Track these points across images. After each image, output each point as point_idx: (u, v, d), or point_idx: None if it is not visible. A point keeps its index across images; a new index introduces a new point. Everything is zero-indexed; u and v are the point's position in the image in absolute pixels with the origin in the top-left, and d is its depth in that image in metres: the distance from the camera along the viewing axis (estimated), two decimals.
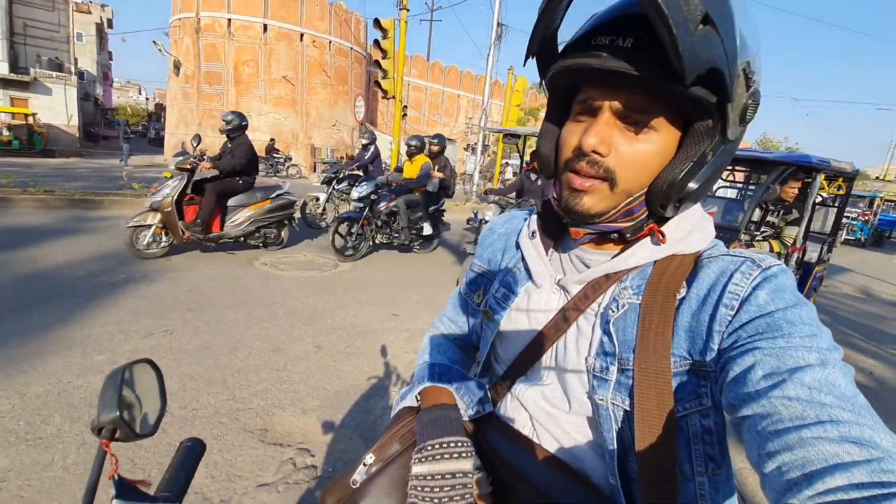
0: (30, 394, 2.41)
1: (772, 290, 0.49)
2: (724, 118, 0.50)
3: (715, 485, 0.53)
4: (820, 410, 0.39)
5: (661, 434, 0.50)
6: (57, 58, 20.28)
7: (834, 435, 0.37)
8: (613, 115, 0.52)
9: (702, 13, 0.42)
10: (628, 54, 0.47)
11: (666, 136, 0.52)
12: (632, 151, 0.52)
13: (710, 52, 0.44)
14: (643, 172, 0.53)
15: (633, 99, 0.50)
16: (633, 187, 0.54)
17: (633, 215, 0.56)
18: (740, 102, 0.50)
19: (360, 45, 22.52)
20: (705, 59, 0.44)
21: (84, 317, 3.41)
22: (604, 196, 0.54)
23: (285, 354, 3.20)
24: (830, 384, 0.40)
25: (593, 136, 0.51)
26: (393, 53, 9.97)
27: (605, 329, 0.57)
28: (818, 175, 3.79)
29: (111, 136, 32.54)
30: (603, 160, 0.52)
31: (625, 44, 0.47)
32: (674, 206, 0.54)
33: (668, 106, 0.51)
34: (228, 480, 1.98)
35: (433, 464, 0.56)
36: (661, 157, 0.53)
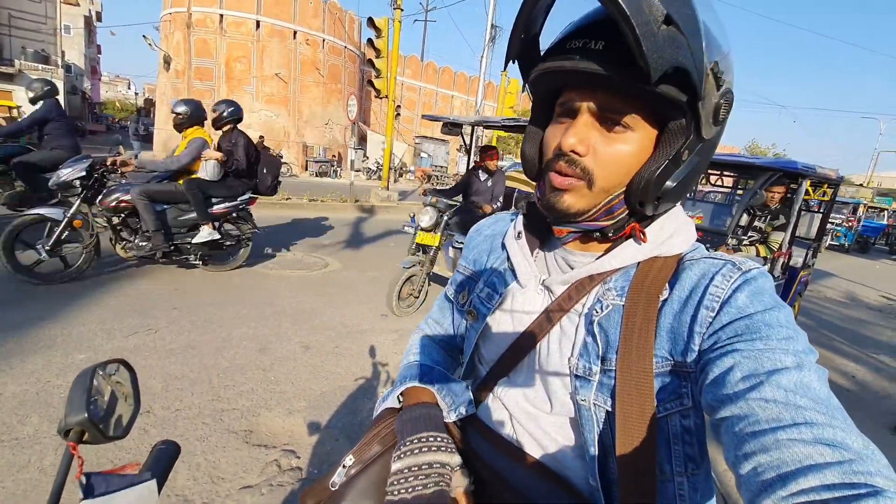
0: (6, 393, 2.36)
1: (751, 293, 0.50)
2: (696, 117, 0.51)
3: (694, 485, 0.54)
4: (795, 413, 0.40)
5: (641, 434, 0.50)
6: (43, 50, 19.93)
7: (808, 437, 0.38)
8: (591, 116, 0.54)
9: (663, 14, 0.44)
10: (599, 56, 0.49)
11: (643, 135, 0.53)
12: (609, 151, 0.53)
13: (674, 52, 0.45)
14: (620, 171, 0.54)
15: (608, 99, 0.52)
16: (612, 186, 0.55)
17: (613, 214, 0.57)
18: (711, 101, 0.51)
19: (354, 44, 22.46)
20: (670, 59, 0.45)
21: (66, 314, 3.34)
22: (583, 195, 0.55)
23: (272, 354, 3.17)
24: (806, 387, 0.41)
25: (572, 137, 0.53)
26: (387, 53, 9.96)
27: (589, 330, 0.57)
28: (804, 181, 3.85)
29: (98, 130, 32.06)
30: (581, 160, 0.54)
31: (596, 46, 0.49)
32: (653, 205, 0.55)
33: (643, 106, 0.52)
34: (211, 482, 1.94)
35: (411, 458, 0.56)
36: (637, 156, 0.54)
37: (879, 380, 4.11)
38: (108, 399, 0.56)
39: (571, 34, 0.52)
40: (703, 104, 0.50)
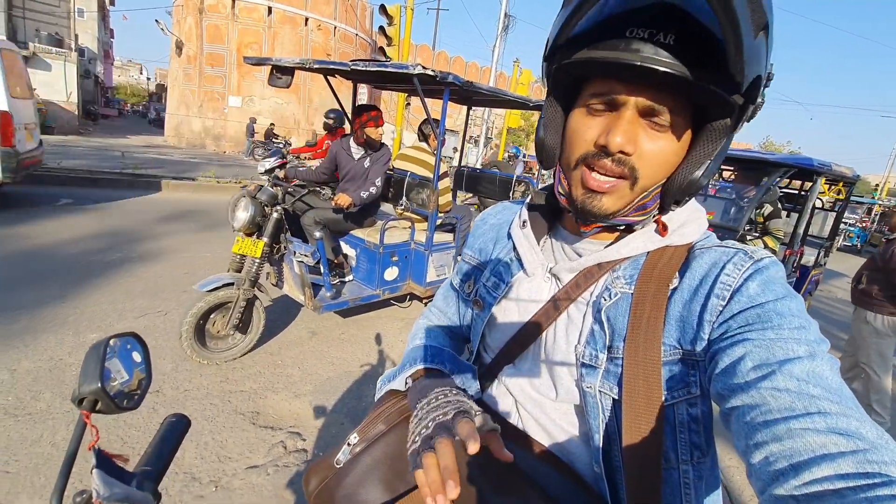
0: (20, 369, 2.41)
1: (763, 282, 0.49)
2: (740, 117, 0.50)
3: (699, 473, 0.53)
4: (808, 402, 0.39)
5: (648, 422, 0.50)
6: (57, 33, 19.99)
7: (821, 426, 0.37)
8: (640, 113, 0.50)
9: (765, 21, 0.42)
10: (672, 52, 0.45)
11: (683, 132, 0.52)
12: (654, 149, 0.51)
13: (759, 60, 0.44)
14: (662, 169, 0.53)
15: (660, 97, 0.49)
16: (651, 184, 0.54)
17: (646, 209, 0.56)
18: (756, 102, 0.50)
19: (366, 32, 22.30)
20: (757, 67, 0.44)
21: (78, 295, 3.40)
22: (623, 195, 0.53)
23: (279, 339, 3.20)
24: (818, 376, 0.41)
25: (621, 135, 0.49)
26: (398, 41, 9.86)
27: (596, 317, 0.57)
28: (819, 178, 3.78)
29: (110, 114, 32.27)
30: (629, 159, 0.51)
31: (666, 40, 0.45)
32: (686, 200, 0.55)
33: (688, 103, 0.50)
34: (218, 461, 1.98)
35: (429, 408, 0.55)
36: (678, 154, 0.53)
37: None
38: (120, 371, 0.56)
39: (627, 17, 0.46)
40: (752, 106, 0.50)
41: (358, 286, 3.52)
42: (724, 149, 0.53)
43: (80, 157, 10.05)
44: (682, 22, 0.44)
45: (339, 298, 3.26)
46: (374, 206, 3.60)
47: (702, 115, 0.51)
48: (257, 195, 2.83)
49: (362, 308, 3.84)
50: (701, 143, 0.52)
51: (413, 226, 3.57)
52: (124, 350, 0.59)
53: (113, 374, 0.55)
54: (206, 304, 2.62)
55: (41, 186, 7.03)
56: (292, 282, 3.17)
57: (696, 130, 0.53)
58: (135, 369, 0.59)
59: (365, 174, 3.42)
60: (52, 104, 18.95)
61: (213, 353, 2.74)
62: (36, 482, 1.74)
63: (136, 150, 13.70)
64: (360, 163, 3.45)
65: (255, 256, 2.76)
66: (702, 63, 0.45)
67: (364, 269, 3.52)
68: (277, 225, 2.88)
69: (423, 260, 3.51)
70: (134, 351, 0.61)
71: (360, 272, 3.57)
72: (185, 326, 2.57)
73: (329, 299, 3.18)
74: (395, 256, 3.46)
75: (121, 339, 0.59)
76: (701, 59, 0.45)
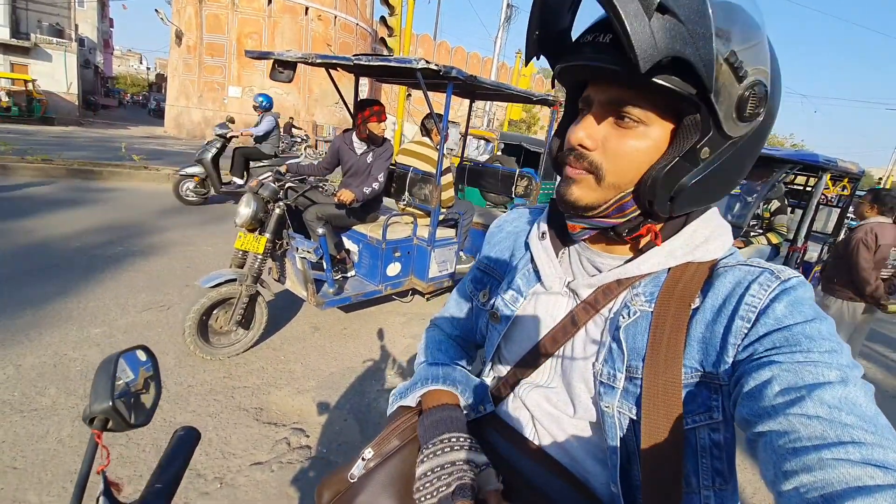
0: (25, 365, 2.42)
1: (790, 303, 0.47)
2: (713, 112, 0.47)
3: (721, 500, 0.52)
4: (841, 431, 0.38)
5: (667, 445, 0.49)
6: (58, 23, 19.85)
7: (856, 457, 0.36)
8: (604, 110, 0.52)
9: (656, 1, 0.41)
10: (606, 49, 0.48)
11: (657, 132, 0.51)
12: (619, 146, 0.52)
13: (670, 42, 0.42)
14: (631, 167, 0.52)
15: (619, 93, 0.51)
16: (621, 182, 0.53)
17: (624, 212, 0.55)
18: (731, 95, 0.47)
19: (366, 22, 22.07)
20: (663, 48, 0.42)
21: (81, 289, 3.40)
22: (591, 188, 0.54)
23: (282, 334, 3.21)
24: (851, 403, 0.39)
25: (581, 130, 0.53)
26: (399, 31, 9.76)
27: (614, 336, 0.56)
28: (824, 174, 3.76)
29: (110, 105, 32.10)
30: (589, 154, 0.53)
31: (604, 39, 0.48)
32: (665, 205, 0.52)
33: (658, 101, 0.49)
34: (223, 458, 1.99)
35: (434, 460, 0.57)
36: (650, 152, 0.51)
37: (891, 378, 4.07)
38: (131, 386, 0.56)
39: (586, 30, 0.51)
40: (719, 98, 0.46)
41: (360, 282, 3.52)
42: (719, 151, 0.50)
43: (80, 149, 10.02)
44: None
45: (341, 294, 3.25)
46: (376, 202, 3.59)
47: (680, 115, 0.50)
48: (259, 191, 2.82)
49: (364, 303, 3.83)
50: (675, 140, 0.50)
51: (415, 221, 3.55)
52: (135, 364, 0.59)
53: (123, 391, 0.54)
54: (208, 301, 2.62)
55: (42, 178, 7.01)
56: (295, 277, 3.15)
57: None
58: (145, 384, 0.59)
59: (367, 169, 3.39)
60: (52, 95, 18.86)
61: (216, 349, 2.74)
62: (43, 478, 1.75)
63: (136, 142, 13.65)
64: (362, 158, 3.42)
65: (258, 252, 2.75)
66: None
67: (366, 265, 3.51)
68: (280, 221, 2.86)
69: (425, 255, 3.50)
70: (144, 364, 0.61)
71: (362, 268, 3.56)
72: (188, 322, 2.57)
73: (331, 295, 3.18)
74: (398, 252, 3.45)
75: (131, 353, 0.59)
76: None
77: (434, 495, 0.54)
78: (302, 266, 2.96)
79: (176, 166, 8.75)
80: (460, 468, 0.55)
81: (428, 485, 0.55)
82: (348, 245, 3.62)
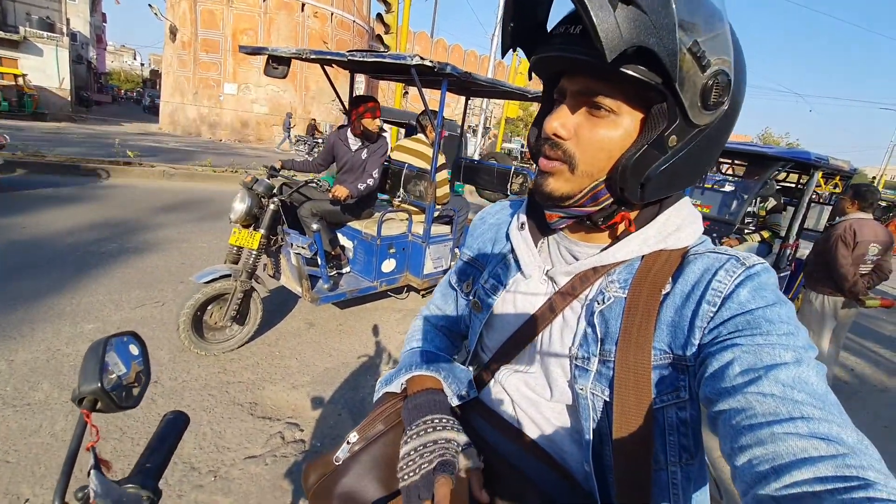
0: (18, 360, 2.41)
1: (753, 288, 0.50)
2: (678, 101, 0.48)
3: (687, 474, 0.55)
4: (792, 407, 0.40)
5: (637, 424, 0.51)
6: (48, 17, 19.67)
7: (804, 431, 0.38)
8: (577, 101, 0.54)
9: None
10: (576, 40, 0.49)
11: (629, 121, 0.52)
12: (592, 135, 0.53)
13: (634, 32, 0.43)
14: (602, 156, 0.53)
15: (589, 83, 0.52)
16: (594, 171, 0.54)
17: (598, 200, 0.56)
18: (695, 84, 0.48)
19: (363, 19, 22.02)
20: (628, 38, 0.43)
21: (74, 285, 3.39)
22: (566, 179, 0.55)
23: (277, 330, 3.21)
24: (804, 382, 0.42)
25: (555, 121, 0.54)
26: (396, 28, 9.75)
27: (589, 320, 0.58)
28: (816, 172, 3.79)
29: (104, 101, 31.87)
30: (563, 143, 0.54)
31: (574, 31, 0.49)
32: (636, 192, 0.53)
33: (628, 90, 0.51)
34: (217, 451, 2.00)
35: (417, 440, 0.58)
36: (621, 141, 0.53)
37: (878, 373, 4.12)
38: (119, 369, 0.57)
39: (559, 21, 0.52)
40: (684, 87, 0.47)
41: (355, 278, 3.52)
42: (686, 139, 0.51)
43: (73, 145, 9.95)
44: None
45: (336, 290, 3.26)
46: (371, 198, 3.59)
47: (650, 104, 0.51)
48: (254, 186, 2.82)
49: (360, 299, 3.85)
50: (643, 130, 0.52)
51: (410, 218, 3.55)
52: (123, 349, 0.60)
53: (112, 374, 0.55)
54: (203, 296, 2.62)
55: (34, 175, 6.97)
56: (290, 273, 3.15)
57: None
58: (133, 365, 0.60)
59: (362, 166, 3.38)
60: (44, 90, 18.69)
61: (210, 345, 2.74)
62: (36, 471, 1.75)
63: (130, 138, 13.56)
64: (357, 154, 3.41)
65: (252, 248, 2.75)
66: None
67: (361, 261, 3.51)
68: (274, 216, 2.86)
69: (420, 252, 3.51)
70: (133, 349, 0.62)
71: (357, 264, 3.56)
72: (182, 318, 2.57)
73: (326, 291, 3.18)
74: (393, 248, 3.46)
75: (119, 339, 0.60)
76: None
77: (416, 472, 0.55)
78: (297, 262, 2.96)
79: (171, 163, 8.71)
80: (442, 446, 0.57)
81: (411, 462, 0.57)
82: (343, 241, 3.62)
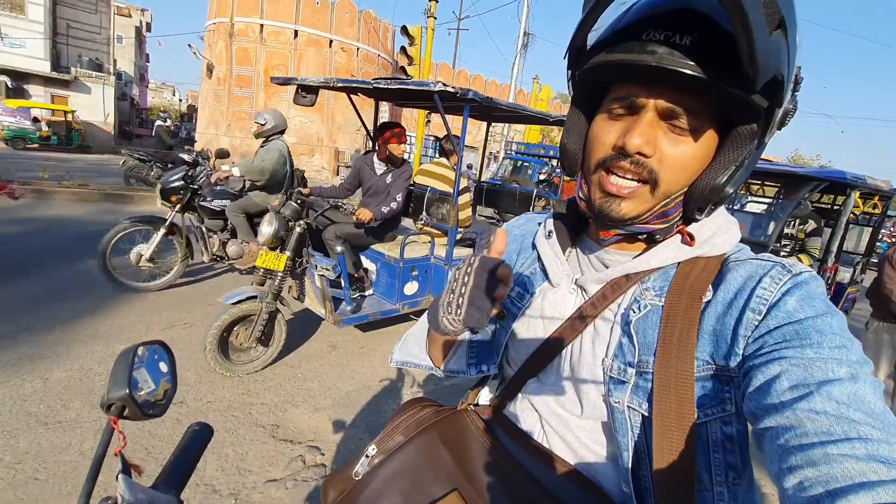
0: (52, 378, 2.48)
1: (802, 297, 0.47)
2: (768, 123, 0.49)
3: (734, 495, 0.51)
4: (848, 427, 0.37)
5: (679, 440, 0.48)
6: (97, 58, 21.12)
7: (861, 453, 0.35)
8: (656, 115, 0.50)
9: (779, 17, 0.41)
10: (688, 53, 0.45)
11: (707, 137, 0.51)
12: (675, 153, 0.50)
13: (778, 59, 0.43)
14: (684, 175, 0.52)
15: (681, 99, 0.48)
16: (673, 189, 0.52)
17: (668, 217, 0.54)
18: (785, 108, 0.49)
19: (388, 52, 22.85)
20: (774, 66, 0.43)
21: (109, 308, 3.51)
22: (644, 200, 0.52)
23: (300, 352, 3.23)
24: (860, 399, 0.39)
25: (639, 137, 0.49)
26: (419, 60, 10.07)
27: (625, 330, 0.55)
28: (852, 192, 3.66)
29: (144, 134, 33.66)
30: (647, 161, 0.50)
31: (682, 41, 0.45)
32: (710, 209, 0.53)
33: (711, 106, 0.49)
34: (238, 474, 1.99)
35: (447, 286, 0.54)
36: (701, 159, 0.51)
37: None
38: (147, 378, 0.57)
39: (646, 22, 0.47)
40: (782, 111, 0.48)
41: (378, 300, 3.53)
42: (753, 157, 0.51)
43: (115, 175, 10.46)
44: (699, 23, 0.44)
45: (359, 312, 3.26)
46: (394, 221, 3.63)
47: (728, 121, 0.50)
48: (281, 210, 2.91)
49: (382, 322, 3.84)
50: (726, 148, 0.50)
51: (433, 240, 3.57)
52: (151, 358, 0.60)
53: (140, 383, 0.56)
54: (230, 317, 2.67)
55: (77, 202, 7.34)
56: (314, 295, 3.19)
57: (722, 136, 0.52)
58: (161, 378, 0.60)
59: (387, 190, 3.45)
60: (90, 125, 19.90)
61: (235, 366, 2.78)
62: (63, 489, 1.77)
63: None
64: (382, 178, 3.49)
65: (278, 270, 2.80)
66: (719, 63, 0.44)
67: (384, 284, 3.52)
68: (300, 239, 2.93)
69: (442, 274, 3.50)
70: (161, 360, 0.62)
71: (380, 286, 3.57)
72: (209, 339, 2.62)
73: (349, 313, 3.20)
74: (415, 271, 3.46)
75: (148, 348, 0.60)
76: (718, 60, 0.44)
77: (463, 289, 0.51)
78: (321, 284, 3.00)
79: None
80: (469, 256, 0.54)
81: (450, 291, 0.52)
82: (366, 264, 3.65)
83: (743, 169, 0.51)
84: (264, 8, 19.06)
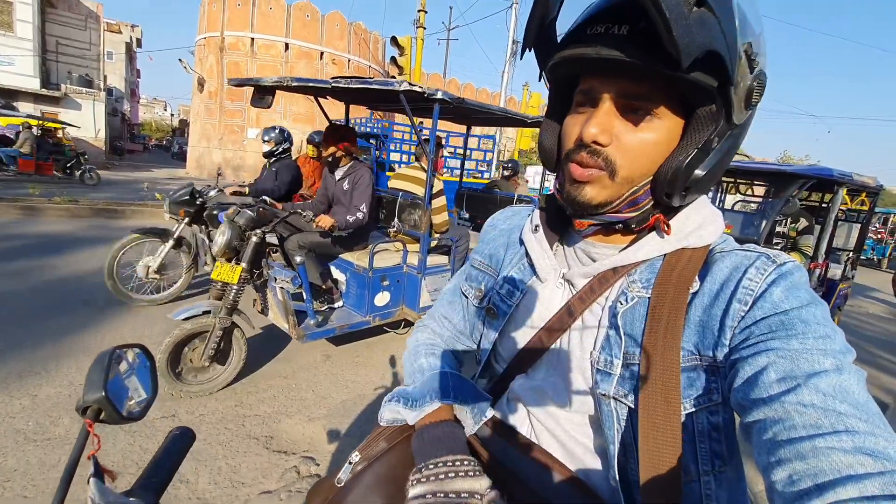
0: (41, 395, 2.44)
1: (787, 288, 0.47)
2: (727, 102, 0.48)
3: (721, 483, 0.50)
4: (835, 419, 0.38)
5: (666, 431, 0.48)
6: (87, 74, 21.08)
7: (848, 445, 0.36)
8: (613, 104, 0.51)
9: None
10: (624, 42, 0.46)
11: (669, 123, 0.51)
12: (633, 140, 0.51)
13: (706, 35, 0.43)
14: (645, 161, 0.52)
15: (632, 87, 0.49)
16: (635, 176, 0.52)
17: (638, 205, 0.54)
18: (744, 85, 0.48)
19: (378, 63, 23.00)
20: (701, 43, 0.42)
21: (100, 323, 3.47)
22: (605, 186, 0.53)
23: (294, 362, 3.20)
24: (845, 391, 0.40)
25: (594, 126, 0.50)
26: (409, 70, 10.15)
27: (612, 322, 0.55)
28: (840, 189, 3.70)
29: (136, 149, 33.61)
30: (603, 150, 0.51)
31: (620, 31, 0.46)
32: (680, 195, 0.53)
33: (669, 92, 0.49)
34: (231, 486, 1.96)
35: (436, 483, 0.51)
36: (664, 145, 0.51)
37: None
38: (125, 381, 0.56)
39: (592, 18, 0.48)
40: (736, 88, 0.47)
41: (347, 312, 3.36)
42: (726, 139, 0.51)
43: (106, 190, 10.42)
44: (634, 13, 0.45)
45: (325, 326, 3.08)
46: (365, 230, 3.44)
47: (690, 105, 0.50)
48: (235, 218, 2.71)
49: (377, 331, 3.76)
50: (688, 132, 0.51)
51: (405, 248, 3.39)
52: (130, 361, 0.60)
53: (118, 386, 0.55)
54: (181, 332, 2.49)
55: (68, 218, 7.29)
56: (276, 309, 2.97)
57: (688, 121, 0.52)
58: (140, 380, 0.59)
59: (348, 197, 3.27)
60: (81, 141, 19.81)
61: (189, 386, 2.57)
62: None
63: (159, 182, 14.16)
64: (339, 184, 3.32)
65: (233, 283, 2.58)
66: (652, 48, 0.44)
67: (354, 295, 3.35)
68: (256, 249, 2.71)
69: (416, 284, 3.33)
70: (140, 362, 0.61)
71: (350, 298, 3.41)
72: (162, 361, 2.42)
73: (314, 327, 3.01)
74: (386, 281, 3.29)
75: (127, 351, 0.60)
76: (651, 45, 0.44)
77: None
78: (282, 297, 2.80)
79: None
80: (465, 501, 0.50)
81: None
82: (336, 274, 3.49)
83: (714, 152, 0.51)
84: (254, 22, 19.16)
